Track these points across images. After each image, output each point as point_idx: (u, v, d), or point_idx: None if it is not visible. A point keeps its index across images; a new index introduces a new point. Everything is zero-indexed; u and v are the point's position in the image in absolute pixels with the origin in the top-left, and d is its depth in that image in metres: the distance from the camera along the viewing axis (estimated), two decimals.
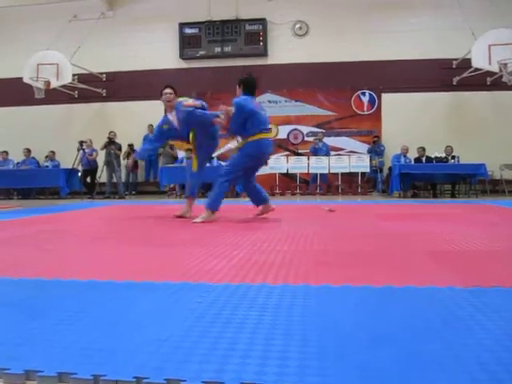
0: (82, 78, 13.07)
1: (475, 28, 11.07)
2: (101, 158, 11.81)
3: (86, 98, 13.52)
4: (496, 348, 1.32)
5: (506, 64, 10.21)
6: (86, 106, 13.67)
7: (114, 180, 11.61)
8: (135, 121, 13.18)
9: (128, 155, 12.85)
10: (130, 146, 12.90)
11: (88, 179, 12.14)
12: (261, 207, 5.41)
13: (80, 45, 12.66)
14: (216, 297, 1.87)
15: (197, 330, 1.49)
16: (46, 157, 13.23)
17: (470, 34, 10.95)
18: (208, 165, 6.63)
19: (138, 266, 2.54)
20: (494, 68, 10.48)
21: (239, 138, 5.40)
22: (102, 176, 11.72)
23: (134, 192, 12.93)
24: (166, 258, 2.79)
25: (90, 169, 12.03)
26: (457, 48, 11.73)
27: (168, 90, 5.68)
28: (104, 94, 13.63)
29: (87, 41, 12.85)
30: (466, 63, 11.32)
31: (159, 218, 5.89)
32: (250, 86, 5.27)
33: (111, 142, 11.54)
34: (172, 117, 5.61)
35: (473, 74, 11.39)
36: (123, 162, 12.67)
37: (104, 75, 13.59)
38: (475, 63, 10.77)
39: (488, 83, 11.81)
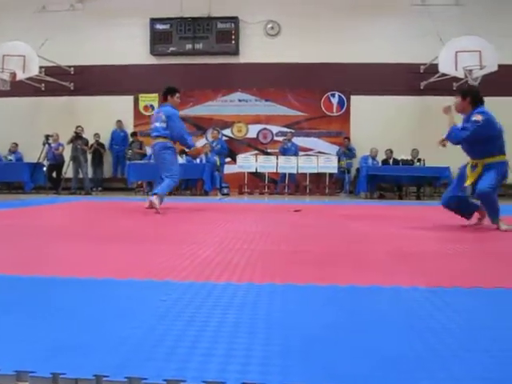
0: (49, 70, 12.78)
1: (443, 34, 11.28)
2: (67, 153, 11.59)
3: (53, 91, 13.23)
4: (455, 347, 1.35)
5: (471, 70, 10.45)
6: (53, 99, 13.37)
7: (81, 175, 11.41)
8: (103, 116, 12.97)
9: (94, 150, 12.65)
10: (97, 135, 12.71)
11: (54, 174, 11.89)
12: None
13: (48, 37, 12.38)
14: (180, 295, 1.86)
15: (160, 328, 1.47)
16: (10, 150, 12.91)
17: (438, 40, 11.17)
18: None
19: (102, 263, 2.51)
20: (460, 74, 10.72)
21: None
22: (68, 171, 11.50)
23: (100, 188, 12.74)
24: (131, 256, 2.76)
25: (56, 164, 11.79)
26: (425, 53, 11.93)
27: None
28: (72, 88, 13.37)
29: (55, 33, 12.58)
30: (433, 68, 11.53)
31: (126, 214, 5.82)
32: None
33: (78, 137, 11.33)
34: None
35: (440, 79, 11.61)
36: (90, 157, 12.48)
37: (72, 68, 13.33)
38: (442, 69, 10.99)
39: (454, 88, 12.04)
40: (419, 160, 11.25)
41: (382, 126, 12.47)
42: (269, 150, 13.08)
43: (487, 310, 1.75)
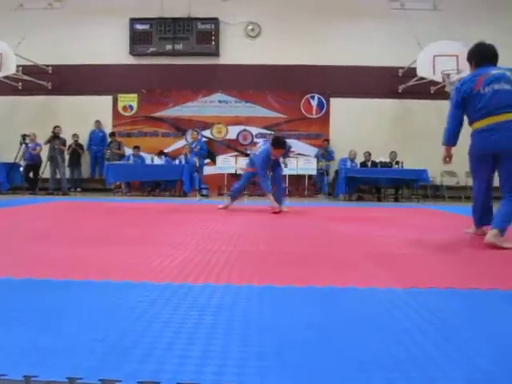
0: (26, 69, 12.60)
1: (421, 39, 11.44)
2: (44, 153, 11.45)
3: (30, 90, 13.04)
4: (429, 347, 1.36)
5: (448, 74, 10.61)
6: (31, 98, 13.19)
7: (58, 176, 11.27)
8: (81, 116, 12.85)
9: (73, 151, 12.51)
10: (75, 136, 12.57)
11: (31, 174, 11.74)
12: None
13: (25, 35, 12.21)
14: (157, 296, 1.85)
15: (135, 330, 1.46)
16: None
17: (417, 44, 11.32)
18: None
19: (79, 265, 2.47)
20: (438, 78, 10.89)
21: None
22: (46, 171, 11.36)
23: (78, 189, 12.60)
24: (108, 257, 2.73)
25: (33, 164, 11.63)
26: (403, 57, 12.08)
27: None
28: (50, 87, 13.20)
29: (33, 31, 12.41)
30: (411, 72, 11.68)
31: (104, 215, 5.77)
32: None
33: (56, 137, 11.19)
34: None
35: (418, 82, 11.76)
36: (67, 158, 12.34)
37: (50, 68, 13.16)
38: (420, 72, 11.15)
39: (432, 92, 12.21)
40: (397, 162, 11.40)
41: (361, 128, 12.58)
42: (248, 152, 13.07)
43: (461, 310, 1.77)
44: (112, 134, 12.81)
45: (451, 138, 3.97)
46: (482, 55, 3.83)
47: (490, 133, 3.53)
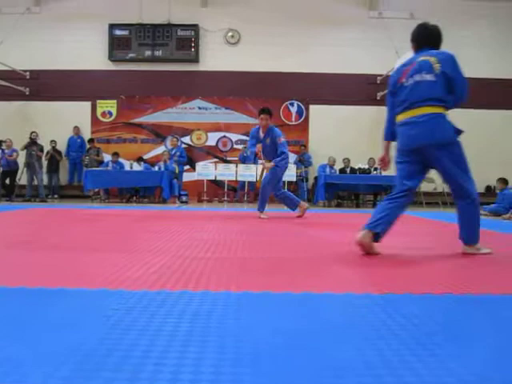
0: (3, 74, 12.46)
1: (399, 47, 11.59)
2: (21, 159, 11.30)
3: (7, 95, 12.90)
4: (404, 352, 1.38)
5: None
6: (7, 104, 13.05)
7: (35, 182, 11.14)
8: (59, 122, 12.75)
9: (51, 157, 12.38)
10: (53, 142, 12.43)
11: (7, 181, 11.57)
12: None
13: (2, 40, 12.10)
14: (134, 304, 1.83)
15: (111, 338, 1.45)
16: None
17: (394, 52, 11.47)
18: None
19: (54, 272, 2.45)
20: None
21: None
22: (23, 178, 11.22)
23: (56, 195, 12.46)
24: (84, 264, 2.71)
25: (10, 170, 11.48)
26: (381, 65, 12.25)
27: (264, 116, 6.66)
28: (27, 93, 13.08)
29: (10, 36, 12.31)
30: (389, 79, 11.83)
31: (81, 222, 5.71)
32: None
33: (33, 143, 11.08)
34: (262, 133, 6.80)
35: None
36: (45, 164, 12.21)
37: (28, 73, 13.04)
38: None
39: None
40: (376, 169, 11.52)
41: (340, 135, 12.70)
42: (228, 158, 13.11)
43: (436, 316, 1.79)
44: (91, 140, 12.72)
45: (387, 132, 3.66)
46: (421, 38, 3.54)
47: (409, 126, 3.31)
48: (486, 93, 12.43)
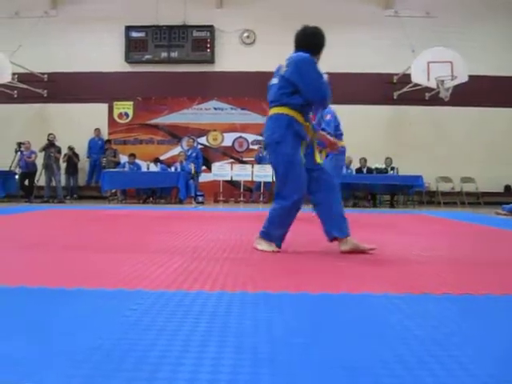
0: (22, 77, 12.61)
1: (415, 45, 11.53)
2: (39, 161, 11.44)
3: (25, 98, 13.06)
4: (422, 353, 1.37)
5: (443, 81, 10.68)
6: (26, 106, 13.21)
7: (54, 184, 11.26)
8: (77, 124, 12.86)
9: (68, 158, 12.51)
10: (71, 149, 12.56)
11: (26, 182, 11.73)
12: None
13: (21, 43, 12.25)
14: (151, 304, 1.84)
15: (129, 338, 1.46)
16: None
17: (411, 50, 11.39)
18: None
19: (73, 273, 2.47)
20: (432, 84, 10.95)
21: None
22: (41, 179, 11.35)
23: (75, 196, 12.59)
24: (102, 265, 2.73)
25: (29, 172, 11.63)
26: (398, 63, 12.16)
27: None
28: (45, 95, 13.23)
29: (29, 39, 12.45)
30: (406, 78, 11.75)
31: (99, 223, 5.76)
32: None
33: (51, 145, 11.20)
34: None
35: (412, 89, 11.83)
36: (63, 165, 12.35)
37: (46, 75, 13.19)
38: (414, 79, 11.21)
39: (426, 98, 12.28)
40: (392, 168, 11.44)
41: (357, 135, 12.60)
42: (244, 159, 13.11)
43: (454, 316, 1.77)
44: (108, 142, 12.82)
45: None
46: (295, 39, 3.81)
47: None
48: (509, 90, 12.31)
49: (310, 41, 3.66)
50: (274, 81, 3.47)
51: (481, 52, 12.16)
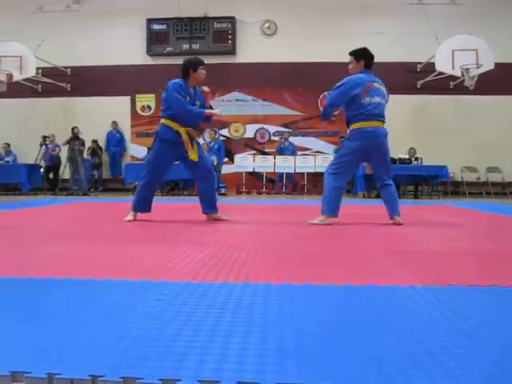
0: (45, 71, 12.78)
1: (439, 33, 11.32)
2: (64, 154, 11.59)
3: (49, 92, 13.23)
4: (449, 345, 1.35)
5: (468, 69, 10.48)
6: (50, 100, 13.37)
7: (78, 176, 11.41)
8: (100, 117, 12.98)
9: (92, 151, 12.65)
10: (95, 142, 12.70)
11: (51, 175, 11.90)
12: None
13: (44, 37, 12.38)
14: (176, 294, 1.85)
15: (155, 328, 1.47)
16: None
17: (435, 38, 11.19)
18: None
19: (98, 264, 2.50)
20: (457, 72, 10.76)
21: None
22: (65, 172, 11.50)
23: (101, 188, 12.75)
24: (127, 256, 2.76)
25: (53, 164, 11.80)
26: (421, 52, 11.97)
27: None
28: (68, 89, 13.37)
29: (52, 33, 12.57)
30: (430, 67, 11.56)
31: (122, 215, 5.81)
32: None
33: (75, 138, 11.33)
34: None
35: (436, 77, 11.65)
36: (87, 159, 12.49)
37: (69, 69, 13.32)
38: (439, 67, 11.02)
39: (451, 87, 12.08)
40: (416, 159, 11.28)
41: None
42: (266, 150, 13.09)
43: (483, 308, 1.75)
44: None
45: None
46: (369, 59, 4.93)
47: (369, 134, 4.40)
48: None
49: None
50: (379, 99, 4.54)
51: (507, 39, 11.91)
